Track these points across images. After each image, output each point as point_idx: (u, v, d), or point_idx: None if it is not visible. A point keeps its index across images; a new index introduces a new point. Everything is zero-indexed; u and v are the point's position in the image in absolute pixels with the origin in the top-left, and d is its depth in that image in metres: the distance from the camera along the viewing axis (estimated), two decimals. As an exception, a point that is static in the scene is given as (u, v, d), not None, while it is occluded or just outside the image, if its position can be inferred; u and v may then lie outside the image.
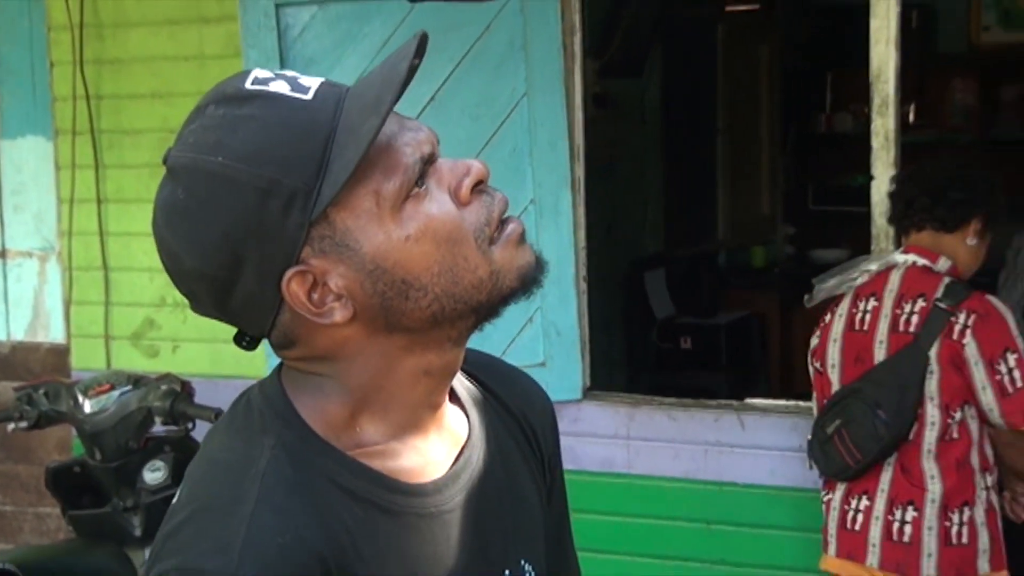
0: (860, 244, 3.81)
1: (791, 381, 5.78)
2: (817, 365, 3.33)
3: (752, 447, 3.76)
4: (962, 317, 3.07)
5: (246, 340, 1.20)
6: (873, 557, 3.17)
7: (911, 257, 3.22)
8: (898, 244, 3.49)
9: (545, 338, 3.93)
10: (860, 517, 3.19)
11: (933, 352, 3.08)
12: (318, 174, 1.09)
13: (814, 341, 3.35)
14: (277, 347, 1.18)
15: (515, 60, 3.95)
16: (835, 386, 3.25)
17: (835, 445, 3.18)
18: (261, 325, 1.16)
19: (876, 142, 3.65)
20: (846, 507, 3.23)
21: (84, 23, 4.41)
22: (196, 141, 1.12)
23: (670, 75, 5.90)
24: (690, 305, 5.78)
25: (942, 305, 3.09)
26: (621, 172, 5.46)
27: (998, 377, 3.07)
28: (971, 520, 3.12)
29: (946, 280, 3.14)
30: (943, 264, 3.19)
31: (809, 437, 3.30)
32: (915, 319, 3.12)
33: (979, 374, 3.07)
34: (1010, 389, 3.05)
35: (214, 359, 4.29)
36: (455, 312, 1.16)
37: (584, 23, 4.00)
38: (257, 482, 1.11)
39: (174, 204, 1.12)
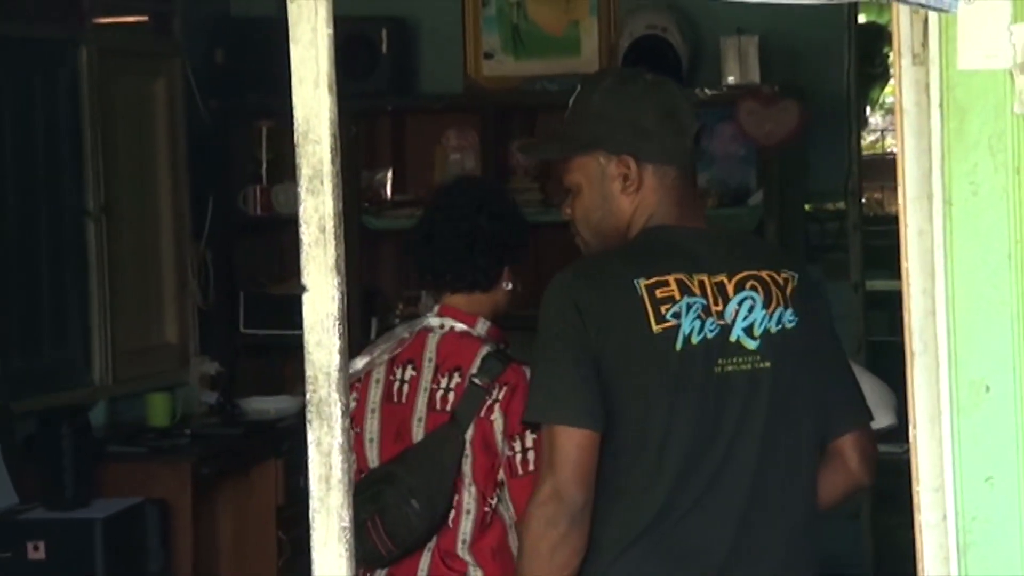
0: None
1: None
2: (357, 430, 3.86)
3: None
4: (495, 392, 3.61)
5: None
6: None
7: (447, 321, 3.71)
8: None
9: None
10: None
11: (468, 434, 3.61)
12: None
13: (351, 403, 3.79)
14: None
15: None
16: (373, 463, 3.71)
17: (368, 532, 3.60)
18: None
19: (308, 235, 3.37)
20: None
21: None
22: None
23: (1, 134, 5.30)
24: (45, 492, 5.14)
25: (477, 382, 3.63)
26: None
27: (510, 453, 3.58)
28: None
29: (484, 351, 3.68)
30: (481, 328, 3.71)
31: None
32: (451, 396, 3.66)
33: (501, 451, 3.65)
34: (520, 471, 3.53)
35: None
36: None
37: None
38: None
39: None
